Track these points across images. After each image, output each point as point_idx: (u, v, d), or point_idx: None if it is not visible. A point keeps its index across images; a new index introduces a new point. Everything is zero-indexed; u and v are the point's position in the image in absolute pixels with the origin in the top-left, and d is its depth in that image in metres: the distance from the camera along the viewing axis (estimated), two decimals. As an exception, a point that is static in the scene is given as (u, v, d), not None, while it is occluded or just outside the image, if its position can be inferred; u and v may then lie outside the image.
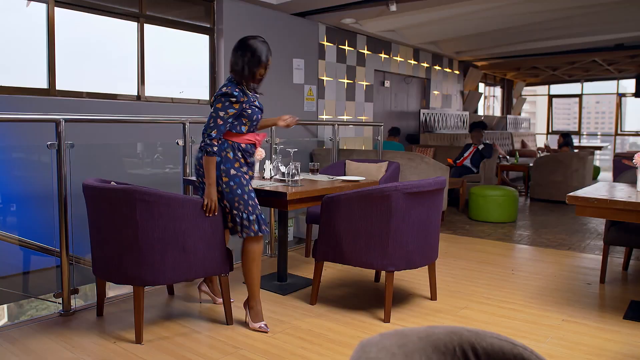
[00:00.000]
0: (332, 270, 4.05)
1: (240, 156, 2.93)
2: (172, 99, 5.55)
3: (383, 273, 3.77)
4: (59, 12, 4.60)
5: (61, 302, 3.14)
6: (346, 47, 7.61)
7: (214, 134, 2.75)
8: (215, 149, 2.76)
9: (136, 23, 5.16)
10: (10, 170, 4.01)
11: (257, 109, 2.98)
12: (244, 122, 2.90)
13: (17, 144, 4.19)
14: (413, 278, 3.87)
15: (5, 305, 3.76)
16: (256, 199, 2.94)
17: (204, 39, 5.69)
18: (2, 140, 4.16)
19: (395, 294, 3.45)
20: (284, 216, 3.67)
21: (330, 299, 3.42)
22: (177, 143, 3.89)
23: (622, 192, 3.17)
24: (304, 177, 3.83)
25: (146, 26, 5.22)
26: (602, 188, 3.41)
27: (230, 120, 2.82)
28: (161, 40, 5.43)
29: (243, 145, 2.93)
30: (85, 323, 3.00)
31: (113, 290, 3.56)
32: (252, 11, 6.01)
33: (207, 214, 2.79)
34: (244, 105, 2.86)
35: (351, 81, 7.77)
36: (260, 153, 3.39)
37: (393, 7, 5.98)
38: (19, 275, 4.10)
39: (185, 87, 5.68)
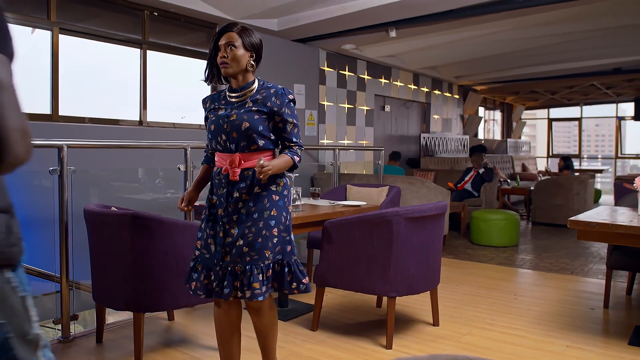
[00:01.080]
0: (333, 296, 4.02)
1: (212, 184, 2.39)
2: (173, 124, 5.59)
3: (385, 298, 3.74)
4: (63, 39, 4.66)
5: (60, 328, 3.12)
6: (346, 73, 7.68)
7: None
8: (204, 157, 2.53)
9: (139, 50, 5.23)
10: (11, 195, 4.01)
11: (218, 119, 2.29)
12: (209, 136, 2.37)
13: (19, 168, 4.20)
14: (415, 303, 3.84)
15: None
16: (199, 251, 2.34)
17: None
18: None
19: (397, 319, 3.42)
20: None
21: (332, 325, 3.39)
22: (179, 168, 3.90)
23: (624, 216, 3.17)
24: (305, 202, 3.83)
25: (149, 52, 5.28)
26: (603, 212, 3.41)
27: (208, 135, 2.38)
28: (163, 66, 5.49)
29: (214, 169, 2.38)
30: (84, 350, 2.97)
31: (113, 316, 3.53)
32: (254, 37, 6.08)
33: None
34: (207, 113, 2.39)
35: (352, 106, 7.82)
36: None
37: (393, 33, 6.05)
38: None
39: (187, 113, 5.72)
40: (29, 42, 4.57)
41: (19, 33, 4.47)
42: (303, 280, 2.32)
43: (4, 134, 0.94)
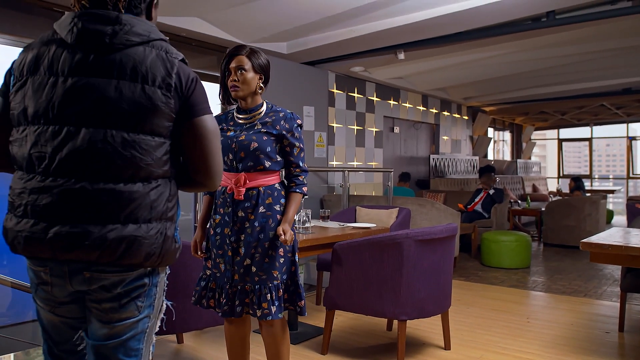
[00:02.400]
0: (343, 319, 3.99)
1: (216, 204, 2.41)
2: (184, 146, 5.63)
3: (395, 322, 3.70)
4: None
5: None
6: (355, 95, 7.73)
7: None
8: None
9: (150, 73, 5.29)
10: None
11: (227, 139, 2.34)
12: None
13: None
14: (426, 326, 3.80)
15: (12, 354, 3.72)
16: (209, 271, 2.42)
17: (216, 87, 5.80)
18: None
19: (408, 343, 3.38)
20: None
21: (342, 349, 3.36)
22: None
23: (637, 238, 3.13)
24: (314, 223, 3.82)
25: (160, 76, 5.35)
26: (616, 234, 3.37)
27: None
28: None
29: (219, 188, 2.37)
30: (93, 374, 2.95)
31: (122, 340, 3.51)
32: (263, 61, 6.14)
33: None
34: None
35: (361, 127, 7.85)
36: None
37: (401, 56, 6.10)
38: (27, 323, 4.07)
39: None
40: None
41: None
42: (299, 303, 2.36)
43: (218, 168, 1.47)
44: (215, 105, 2.61)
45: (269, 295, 2.24)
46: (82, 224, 1.31)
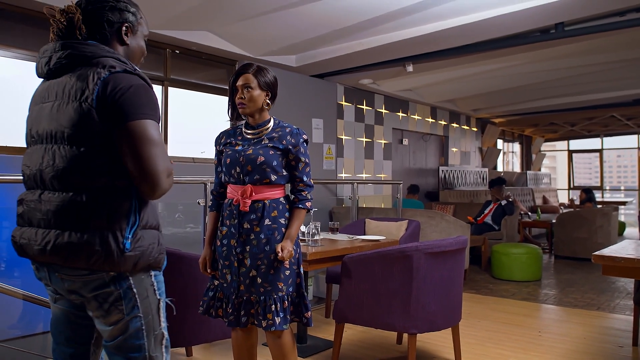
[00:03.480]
0: (353, 332, 3.97)
1: (223, 216, 2.48)
2: (193, 158, 5.66)
3: (405, 335, 3.67)
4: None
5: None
6: (364, 107, 7.74)
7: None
8: (210, 203, 2.58)
9: (161, 86, 5.34)
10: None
11: (235, 153, 2.41)
12: (223, 169, 2.48)
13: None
14: (436, 340, 3.77)
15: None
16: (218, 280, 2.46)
17: (226, 100, 5.84)
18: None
19: (418, 357, 3.35)
20: (304, 276, 3.63)
21: (352, 362, 3.33)
22: (199, 203, 3.93)
23: (650, 251, 3.09)
24: (324, 236, 3.82)
25: (170, 89, 5.40)
26: (629, 246, 3.33)
27: (218, 169, 2.54)
28: (184, 102, 5.60)
29: (226, 201, 2.48)
30: (102, 387, 2.95)
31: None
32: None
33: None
34: (221, 147, 2.52)
35: (369, 140, 7.85)
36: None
37: (410, 68, 6.11)
38: (38, 335, 4.08)
39: (206, 147, 5.79)
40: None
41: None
42: (305, 314, 2.40)
43: (156, 175, 1.47)
44: (224, 122, 2.65)
45: (273, 306, 2.29)
46: (39, 228, 1.53)
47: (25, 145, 1.69)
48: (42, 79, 1.66)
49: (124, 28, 1.64)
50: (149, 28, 1.76)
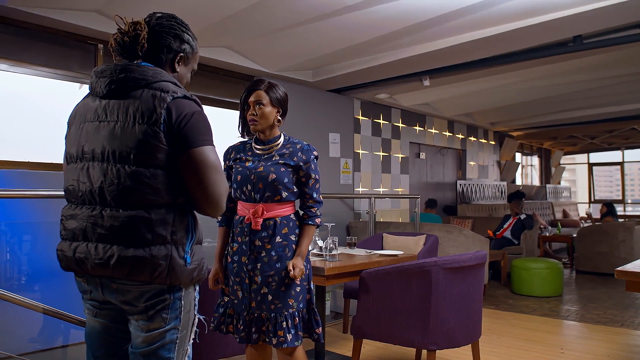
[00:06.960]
0: (371, 347, 3.93)
1: (234, 232, 2.49)
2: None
3: (424, 352, 3.63)
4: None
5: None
6: (381, 121, 7.75)
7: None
8: (219, 218, 2.55)
9: (179, 103, 5.41)
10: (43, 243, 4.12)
11: (245, 169, 2.42)
12: (234, 186, 2.47)
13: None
14: (456, 357, 3.72)
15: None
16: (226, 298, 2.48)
17: (243, 116, 5.88)
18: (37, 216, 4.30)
19: (437, 374, 3.31)
20: (322, 291, 3.62)
21: (370, 379, 3.30)
22: (217, 218, 3.94)
23: (675, 266, 3.03)
24: (341, 251, 3.81)
25: (189, 105, 5.46)
26: (652, 262, 3.27)
27: (233, 185, 2.49)
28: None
29: (236, 217, 2.49)
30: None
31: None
32: (290, 88, 6.17)
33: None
34: (231, 163, 2.53)
35: (387, 154, 7.84)
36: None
37: (426, 82, 6.11)
38: (57, 348, 4.11)
39: (223, 162, 5.84)
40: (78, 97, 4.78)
41: (68, 89, 4.70)
42: (316, 330, 2.40)
43: (219, 198, 1.60)
44: (234, 137, 2.67)
45: (284, 323, 2.30)
46: (98, 243, 1.58)
47: (63, 162, 1.74)
48: (84, 97, 1.72)
49: (178, 57, 1.73)
50: (197, 63, 1.84)
